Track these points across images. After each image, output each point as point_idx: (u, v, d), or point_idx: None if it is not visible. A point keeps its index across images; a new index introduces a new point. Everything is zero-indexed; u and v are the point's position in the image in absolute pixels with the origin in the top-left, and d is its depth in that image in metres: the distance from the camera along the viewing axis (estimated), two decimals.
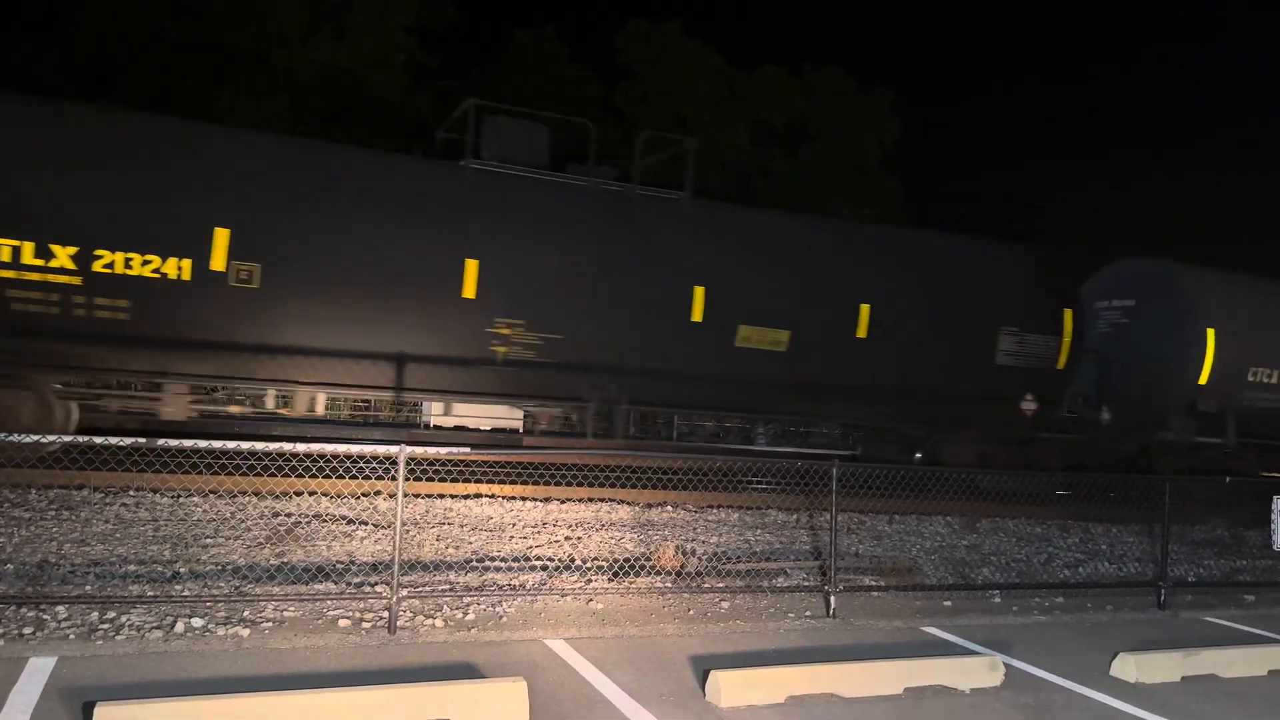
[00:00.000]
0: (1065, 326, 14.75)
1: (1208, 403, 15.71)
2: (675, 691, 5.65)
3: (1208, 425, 15.79)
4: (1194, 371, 15.70)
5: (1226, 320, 15.91)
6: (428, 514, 9.64)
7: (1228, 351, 15.79)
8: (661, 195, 13.22)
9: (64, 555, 7.38)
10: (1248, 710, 6.17)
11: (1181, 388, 15.73)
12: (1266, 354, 16.27)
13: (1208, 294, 16.21)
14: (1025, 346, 14.43)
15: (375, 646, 6.08)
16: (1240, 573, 10.85)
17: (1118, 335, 16.66)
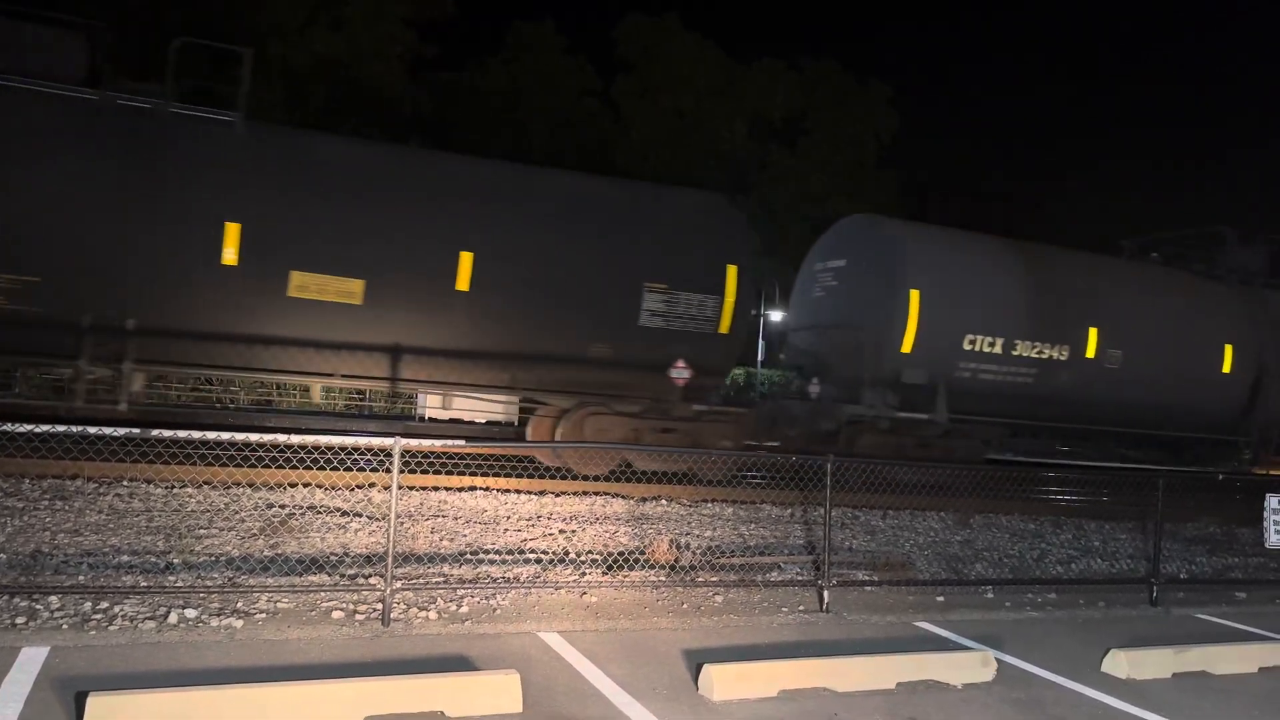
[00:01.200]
0: (728, 285, 12.91)
1: (914, 374, 13.98)
2: (668, 685, 5.66)
3: (914, 399, 14.12)
4: (896, 338, 13.93)
5: (935, 281, 14.15)
6: (422, 506, 9.64)
7: (937, 316, 14.06)
8: (203, 116, 11.32)
9: (57, 545, 7.37)
10: (1238, 706, 6.20)
11: (883, 357, 13.99)
12: (987, 319, 14.53)
13: (914, 251, 14.42)
14: (677, 306, 12.64)
15: (369, 638, 6.09)
16: (1232, 570, 10.89)
17: (830, 299, 15.15)
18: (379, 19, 25.61)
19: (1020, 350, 14.73)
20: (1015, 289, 14.92)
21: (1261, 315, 17.02)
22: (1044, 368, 14.94)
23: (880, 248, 14.67)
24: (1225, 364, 16.60)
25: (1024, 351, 14.77)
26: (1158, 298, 16.55)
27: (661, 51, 29.30)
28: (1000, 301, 14.75)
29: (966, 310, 14.45)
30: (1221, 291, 17.24)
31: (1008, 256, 15.42)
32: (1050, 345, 14.95)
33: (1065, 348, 15.05)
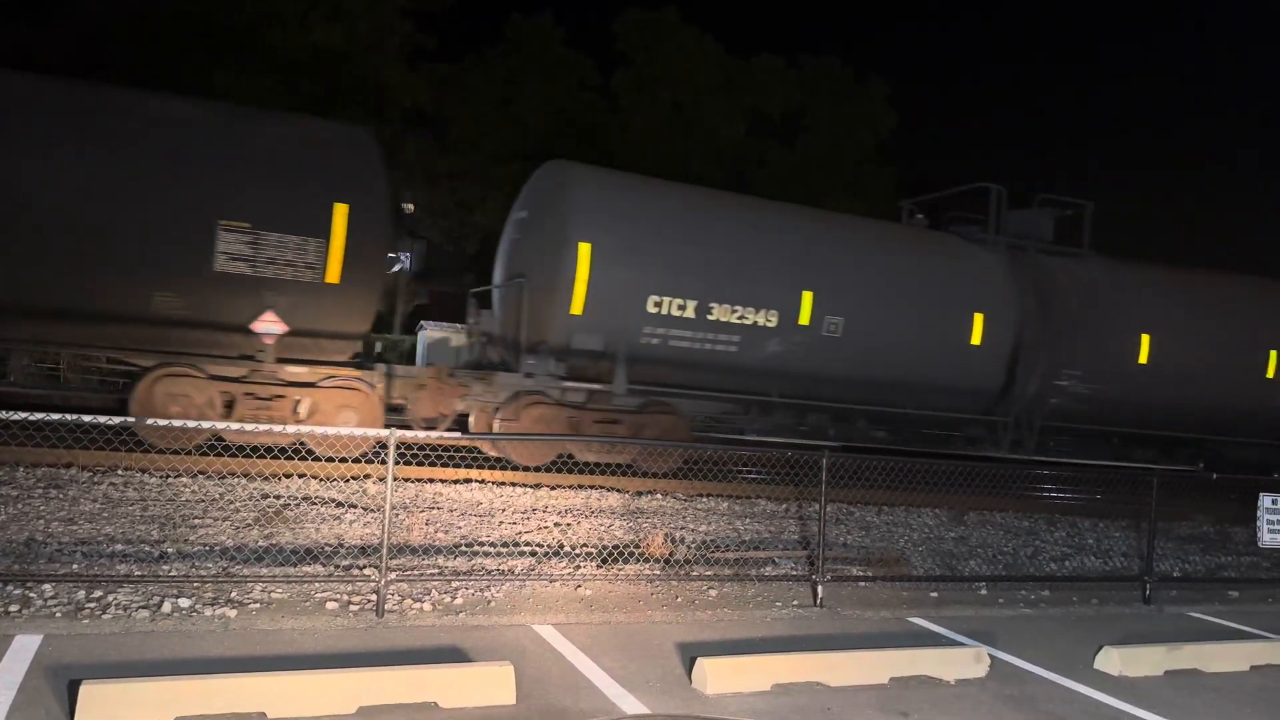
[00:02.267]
0: (335, 227, 11.05)
1: (587, 339, 12.31)
2: (662, 678, 5.67)
3: (590, 369, 12.48)
4: (564, 298, 12.21)
5: (614, 235, 12.43)
6: (417, 498, 9.63)
7: (614, 274, 12.33)
8: None
9: (51, 533, 7.36)
10: (1229, 704, 6.22)
11: (550, 319, 12.34)
12: (679, 280, 12.69)
13: (586, 200, 12.67)
14: (266, 250, 10.81)
15: (363, 629, 6.08)
16: (1225, 569, 10.92)
17: (511, 255, 13.70)
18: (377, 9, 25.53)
19: (718, 315, 12.87)
20: (714, 247, 13.08)
21: (1028, 283, 15.08)
22: (749, 335, 13.13)
23: (554, 196, 12.91)
24: (975, 335, 14.60)
25: (723, 316, 12.91)
26: (891, 259, 14.56)
27: (660, 46, 29.25)
28: (695, 260, 12.86)
29: (652, 269, 12.61)
30: (979, 256, 15.27)
31: (708, 210, 13.67)
32: (756, 310, 13.10)
33: (774, 313, 13.20)
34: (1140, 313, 15.82)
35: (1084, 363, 15.26)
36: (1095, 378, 15.40)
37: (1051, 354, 14.93)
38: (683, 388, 13.06)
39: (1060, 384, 15.22)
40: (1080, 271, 15.74)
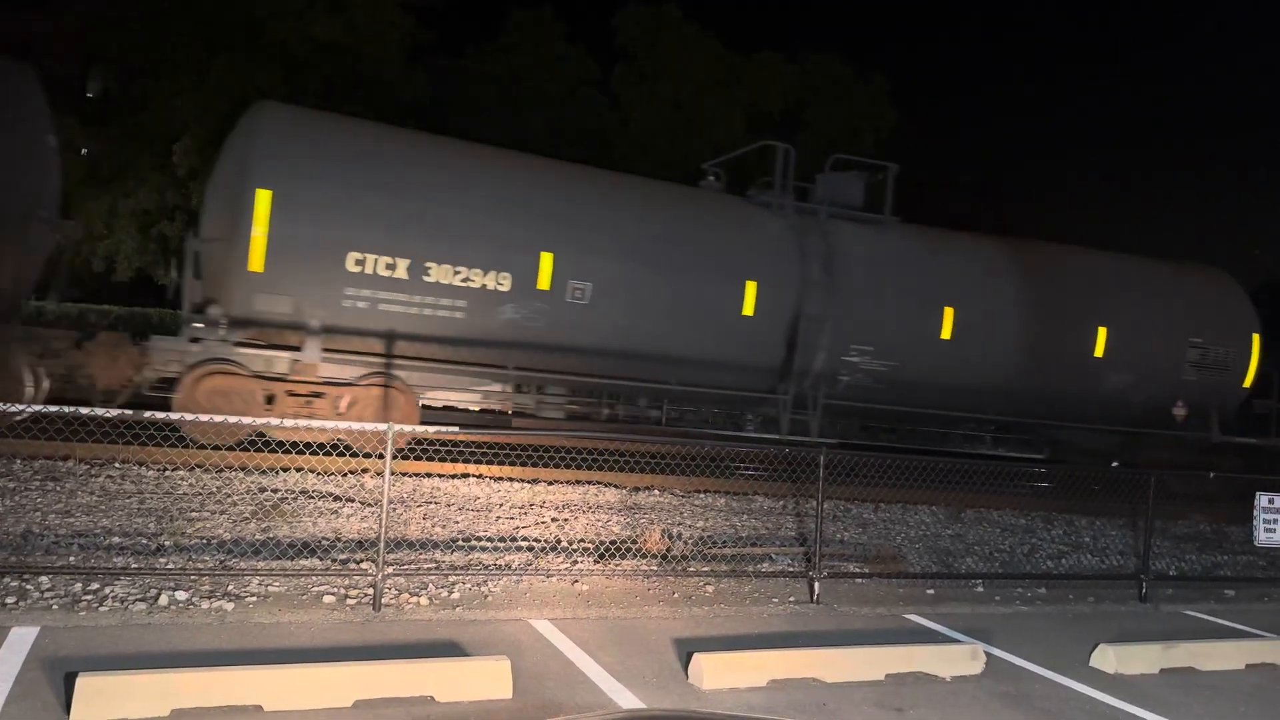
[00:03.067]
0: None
1: (272, 301, 11.08)
2: (658, 673, 5.67)
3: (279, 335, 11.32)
4: (240, 254, 10.94)
5: (303, 181, 11.16)
6: (415, 493, 9.63)
7: (304, 226, 11.11)
8: None
9: (48, 526, 7.36)
10: (1224, 703, 6.23)
11: (228, 277, 11.18)
12: (389, 235, 11.46)
13: (271, 141, 11.32)
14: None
15: (360, 623, 6.09)
16: (1221, 568, 10.94)
17: (201, 212, 12.50)
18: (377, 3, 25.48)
19: (438, 276, 11.55)
20: (433, 199, 11.83)
21: (814, 251, 13.72)
22: (478, 300, 11.88)
23: (241, 140, 11.50)
24: (746, 305, 13.25)
25: (443, 278, 11.58)
26: (648, 221, 13.17)
27: (660, 42, 29.19)
28: (407, 213, 11.56)
29: (354, 222, 11.28)
30: (757, 220, 14.01)
31: (427, 157, 12.33)
32: (484, 272, 11.81)
33: (507, 276, 11.92)
34: (944, 284, 14.57)
35: (878, 337, 14.04)
36: (892, 353, 14.12)
37: (839, 327, 13.72)
38: (398, 358, 11.63)
39: (851, 360, 13.94)
40: (878, 239, 14.48)
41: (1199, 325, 16.16)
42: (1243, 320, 16.65)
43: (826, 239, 13.98)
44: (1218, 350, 16.17)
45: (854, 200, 14.77)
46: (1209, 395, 15.94)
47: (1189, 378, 15.98)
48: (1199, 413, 15.75)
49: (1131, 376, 15.54)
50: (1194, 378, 16.00)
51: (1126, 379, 15.55)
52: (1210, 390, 16.01)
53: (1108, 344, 15.43)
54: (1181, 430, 15.76)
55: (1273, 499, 9.38)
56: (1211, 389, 16.04)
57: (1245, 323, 16.64)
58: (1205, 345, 16.06)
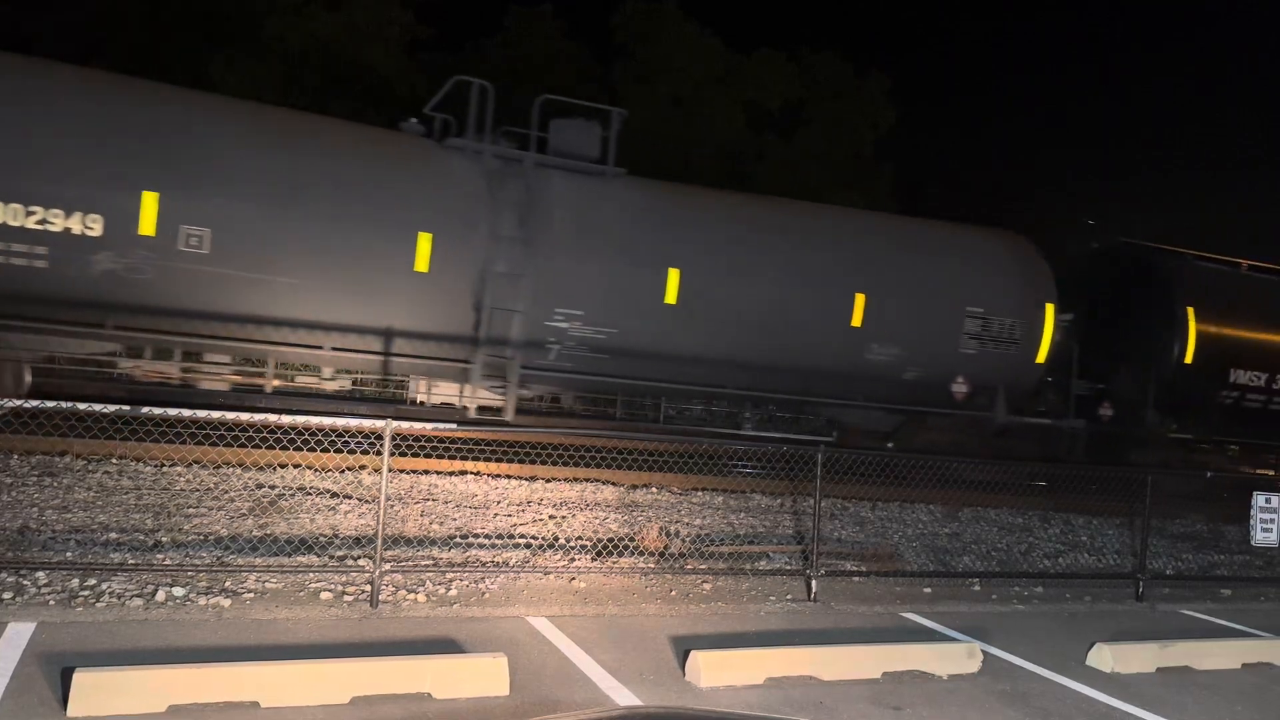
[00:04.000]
0: None
1: None
2: (655, 670, 5.68)
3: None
4: None
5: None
6: (412, 490, 9.63)
7: None
8: None
9: (45, 522, 7.35)
10: (1220, 702, 6.24)
11: None
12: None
13: None
14: None
15: (357, 619, 6.08)
16: (1217, 567, 10.95)
17: None
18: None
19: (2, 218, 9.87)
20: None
21: (508, 202, 12.13)
22: (63, 247, 10.15)
23: None
24: (419, 260, 11.64)
25: (11, 219, 9.90)
26: (289, 162, 11.32)
27: (660, 39, 29.19)
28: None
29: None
30: (442, 165, 12.25)
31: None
32: (67, 213, 10.09)
33: (97, 218, 10.20)
34: (669, 243, 12.92)
35: (590, 301, 12.50)
36: (608, 319, 12.55)
37: (540, 288, 12.18)
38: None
39: (559, 326, 12.40)
40: (594, 192, 12.86)
41: (979, 294, 14.32)
42: (1034, 289, 14.80)
43: (530, 189, 12.31)
44: (1002, 322, 14.36)
45: (586, 150, 12.94)
46: (994, 372, 14.29)
47: (968, 351, 14.19)
48: (985, 391, 14.23)
49: (899, 349, 13.81)
50: (974, 351, 14.20)
51: (893, 352, 13.80)
52: (996, 366, 14.31)
53: (867, 312, 13.62)
54: (965, 410, 14.27)
55: (1269, 499, 9.40)
56: (997, 365, 14.32)
57: (1037, 292, 14.78)
58: (987, 316, 14.24)
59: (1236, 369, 16.67)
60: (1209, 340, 16.29)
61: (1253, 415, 17.05)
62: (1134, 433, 16.10)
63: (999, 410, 14.25)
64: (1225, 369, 16.55)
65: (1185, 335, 16.17)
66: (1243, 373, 16.71)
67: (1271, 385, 16.95)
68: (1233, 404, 16.81)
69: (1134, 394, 16.13)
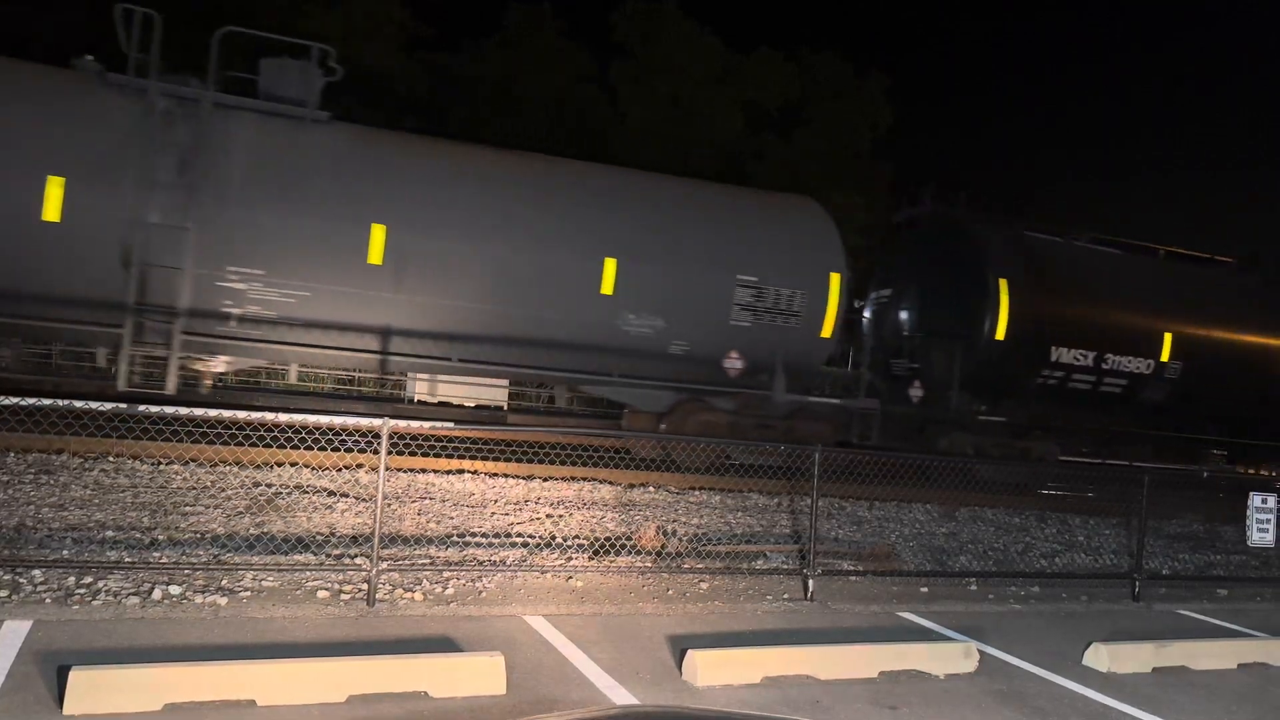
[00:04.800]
0: None
1: None
2: (652, 669, 5.68)
3: None
4: None
5: None
6: (409, 488, 9.63)
7: None
8: None
9: (41, 519, 7.34)
10: (1216, 702, 6.25)
11: None
12: None
13: None
14: None
15: (353, 618, 6.08)
16: (1214, 567, 10.97)
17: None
18: None
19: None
20: None
21: (171, 144, 10.78)
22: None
23: None
24: (47, 208, 10.30)
25: None
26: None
27: (659, 38, 29.17)
28: None
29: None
30: (88, 100, 10.83)
31: None
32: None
33: None
34: (373, 196, 11.59)
35: (274, 259, 11.15)
36: (295, 281, 11.23)
37: (209, 244, 10.86)
38: None
39: (234, 287, 11.06)
40: (286, 137, 11.57)
41: (753, 261, 13.06)
42: (818, 258, 13.50)
43: (203, 131, 11.00)
44: (780, 292, 13.10)
45: (302, 95, 11.81)
46: (773, 347, 13.12)
47: (741, 323, 12.98)
48: (765, 368, 13.18)
49: (661, 321, 12.61)
50: (748, 324, 13.00)
51: (654, 324, 12.60)
52: (774, 340, 13.13)
53: (620, 279, 12.38)
54: (744, 389, 13.18)
55: (1266, 499, 9.42)
56: (776, 339, 13.14)
57: (821, 261, 13.49)
58: (762, 286, 12.99)
59: (1059, 347, 15.29)
60: (1025, 315, 14.91)
61: (1079, 397, 15.68)
62: (939, 415, 14.89)
63: (777, 389, 13.14)
64: (1045, 347, 15.21)
65: (997, 309, 14.76)
66: (1066, 351, 15.34)
67: (1100, 365, 15.61)
68: (1057, 385, 15.46)
69: (947, 373, 15.05)
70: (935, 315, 15.83)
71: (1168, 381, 16.24)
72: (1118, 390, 15.92)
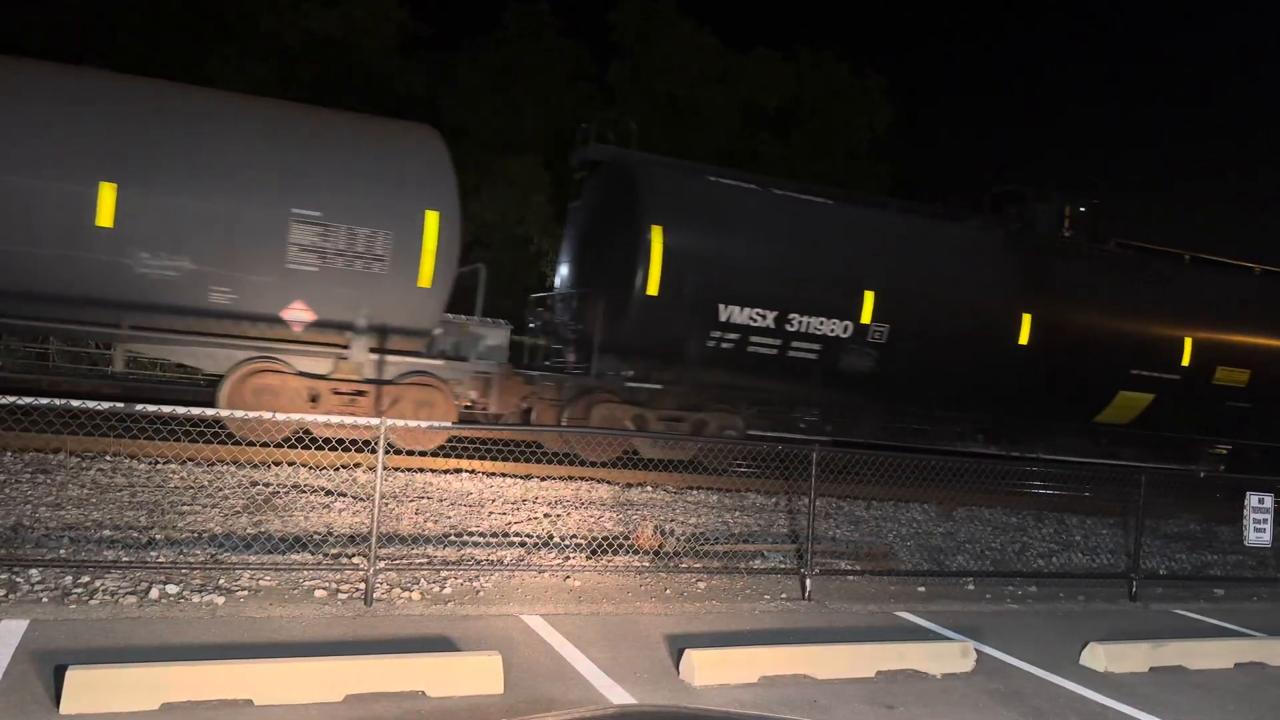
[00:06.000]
0: None
1: None
2: (650, 669, 5.68)
3: None
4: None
5: None
6: (407, 488, 9.62)
7: None
8: None
9: (38, 518, 7.33)
10: (1213, 701, 6.26)
11: None
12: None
13: None
14: None
15: (351, 617, 6.08)
16: (1211, 567, 10.98)
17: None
18: None
19: None
20: None
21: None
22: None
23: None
24: None
25: None
26: None
27: (657, 37, 29.18)
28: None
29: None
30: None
31: None
32: None
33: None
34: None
35: None
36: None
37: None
38: None
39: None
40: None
41: (315, 192, 10.91)
42: (407, 191, 11.40)
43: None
44: (355, 232, 10.99)
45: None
46: (354, 297, 11.14)
47: (305, 268, 10.85)
48: (345, 324, 11.24)
49: (188, 260, 10.49)
50: (314, 269, 10.87)
51: (178, 264, 10.47)
52: (354, 290, 11.12)
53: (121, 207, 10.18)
54: (325, 346, 11.24)
55: (1263, 499, 9.42)
56: (356, 289, 11.14)
57: (411, 195, 11.38)
58: (328, 223, 10.86)
59: (730, 305, 12.87)
60: (685, 267, 12.64)
61: (765, 364, 13.33)
62: (588, 384, 12.82)
63: (356, 347, 11.27)
64: (712, 305, 12.80)
65: (648, 260, 12.43)
66: (739, 310, 12.92)
67: (785, 326, 13.17)
68: (733, 349, 13.06)
69: (599, 335, 12.98)
70: (593, 269, 13.86)
71: (873, 346, 13.75)
72: (813, 356, 13.50)
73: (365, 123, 12.28)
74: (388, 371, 11.52)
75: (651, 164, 13.78)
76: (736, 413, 13.52)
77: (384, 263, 11.15)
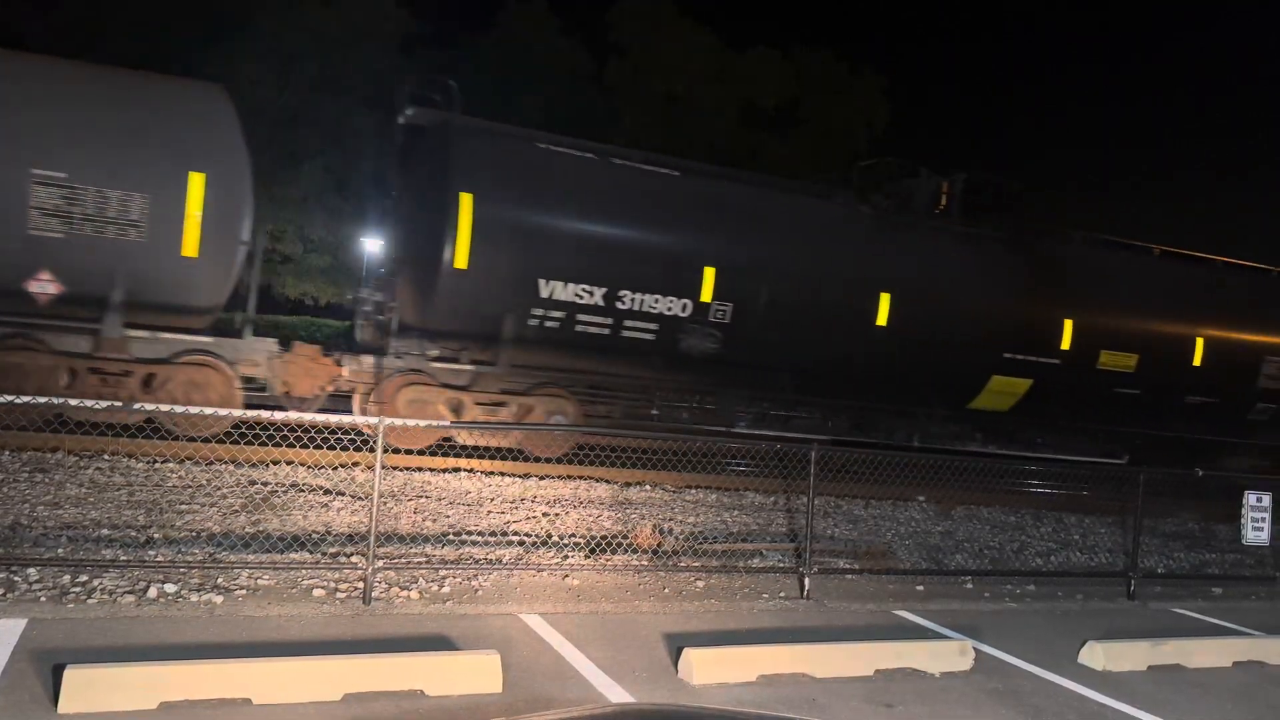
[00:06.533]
0: None
1: None
2: (649, 668, 5.68)
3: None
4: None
5: None
6: (406, 487, 9.61)
7: None
8: None
9: (36, 517, 7.32)
10: (1211, 700, 6.27)
11: None
12: None
13: None
14: None
15: (349, 617, 6.07)
16: (1209, 566, 10.99)
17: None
18: None
19: None
20: None
21: None
22: None
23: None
24: None
25: None
26: None
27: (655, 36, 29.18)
28: None
29: None
30: None
31: None
32: None
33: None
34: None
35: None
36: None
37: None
38: None
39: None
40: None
41: (60, 151, 9.98)
42: (167, 152, 10.43)
43: None
44: (106, 195, 10.05)
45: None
46: (107, 267, 10.11)
47: (49, 234, 9.92)
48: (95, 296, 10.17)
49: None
50: (61, 235, 9.96)
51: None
52: (106, 259, 10.10)
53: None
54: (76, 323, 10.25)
55: (1261, 498, 9.43)
56: (109, 258, 10.10)
57: (172, 155, 10.42)
58: (74, 185, 9.95)
59: (552, 280, 11.91)
60: (497, 239, 11.70)
61: (598, 344, 12.41)
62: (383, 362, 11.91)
63: (109, 322, 10.24)
64: (532, 280, 11.86)
65: (455, 230, 11.51)
66: (562, 286, 11.96)
67: (615, 304, 12.21)
68: (559, 328, 12.10)
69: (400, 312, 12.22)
70: (404, 244, 12.97)
71: (716, 326, 12.79)
72: (649, 337, 12.56)
73: (142, 80, 11.32)
74: (158, 350, 10.54)
75: (468, 128, 12.57)
76: (566, 398, 12.60)
77: (138, 229, 10.17)
